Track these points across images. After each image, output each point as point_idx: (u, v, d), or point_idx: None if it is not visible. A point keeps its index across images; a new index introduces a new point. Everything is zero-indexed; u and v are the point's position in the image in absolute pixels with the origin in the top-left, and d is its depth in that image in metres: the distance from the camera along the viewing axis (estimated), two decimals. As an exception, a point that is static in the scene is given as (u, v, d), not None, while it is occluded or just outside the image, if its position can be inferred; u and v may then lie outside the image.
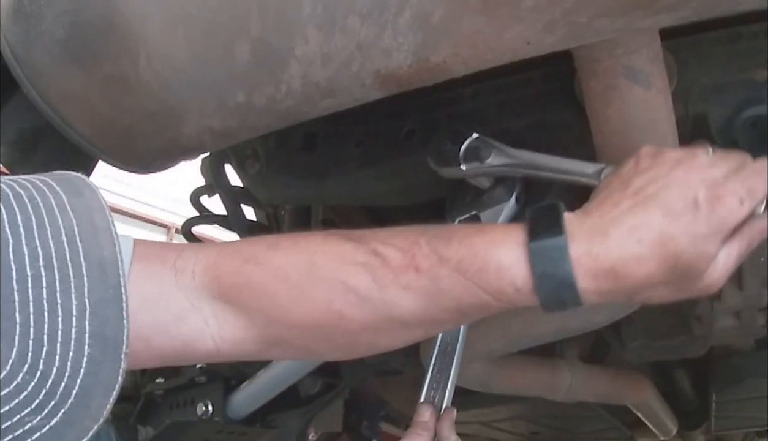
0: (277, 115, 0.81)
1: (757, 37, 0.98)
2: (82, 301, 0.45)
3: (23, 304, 0.44)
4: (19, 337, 0.43)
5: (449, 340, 0.95)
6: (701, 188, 0.63)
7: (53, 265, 0.46)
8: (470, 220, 1.02)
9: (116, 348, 0.46)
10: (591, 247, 0.64)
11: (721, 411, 1.89)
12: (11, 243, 0.45)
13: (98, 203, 0.51)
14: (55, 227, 0.47)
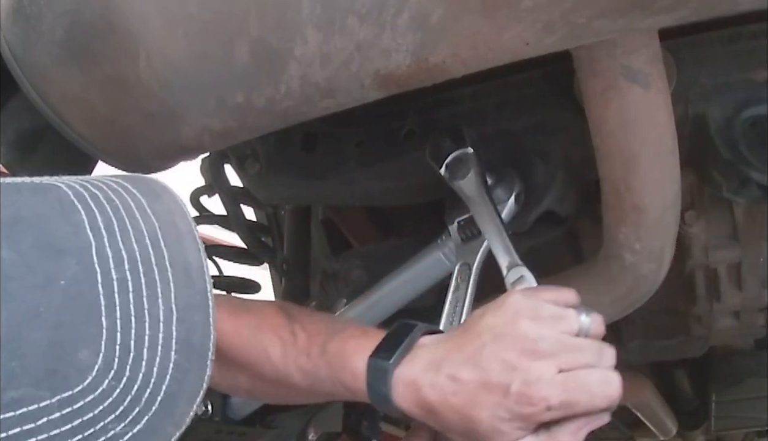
0: (277, 116, 0.81)
1: (756, 37, 0.98)
2: (169, 307, 0.44)
3: (110, 308, 0.42)
4: (105, 342, 0.42)
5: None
6: (518, 379, 0.68)
7: (139, 269, 0.44)
8: (470, 220, 1.02)
9: (202, 355, 0.45)
10: (419, 376, 0.73)
11: (721, 411, 1.89)
12: (94, 245, 0.44)
13: (179, 207, 0.50)
14: (138, 230, 0.46)
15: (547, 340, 0.69)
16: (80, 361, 0.41)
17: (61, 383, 0.40)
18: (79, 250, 0.43)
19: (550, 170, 1.02)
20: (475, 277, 1.00)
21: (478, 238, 1.02)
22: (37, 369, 0.40)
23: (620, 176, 0.90)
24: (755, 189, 0.96)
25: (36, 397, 0.39)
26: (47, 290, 0.41)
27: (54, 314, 0.41)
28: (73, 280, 0.42)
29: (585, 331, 0.73)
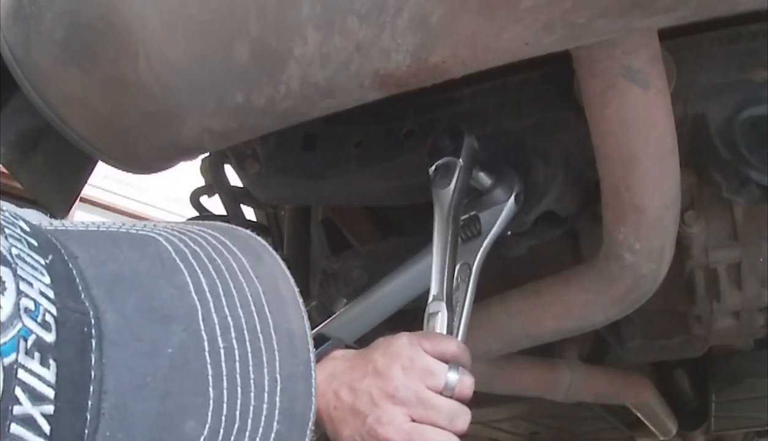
0: (276, 116, 0.81)
1: (756, 37, 0.98)
2: (273, 377, 0.43)
3: (216, 378, 0.41)
4: (212, 413, 0.41)
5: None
6: (374, 415, 0.78)
7: (245, 337, 0.43)
8: (469, 220, 1.02)
9: (303, 424, 0.44)
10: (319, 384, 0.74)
11: (720, 411, 1.89)
12: (200, 311, 0.43)
13: (281, 271, 0.48)
14: (242, 295, 0.45)
15: (408, 390, 0.78)
16: (186, 433, 0.40)
17: None
18: (185, 315, 0.42)
19: (550, 170, 1.02)
20: (475, 277, 1.00)
21: (478, 238, 1.02)
22: (145, 437, 0.38)
23: (620, 176, 0.90)
24: (755, 189, 0.96)
25: None
26: (154, 359, 0.40)
27: (161, 384, 0.40)
28: (179, 348, 0.41)
29: (450, 390, 0.78)
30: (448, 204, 0.97)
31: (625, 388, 1.69)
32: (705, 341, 1.40)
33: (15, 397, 0.34)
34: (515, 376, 1.46)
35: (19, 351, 0.35)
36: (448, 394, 0.78)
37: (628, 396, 1.72)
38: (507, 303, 1.16)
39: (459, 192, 0.97)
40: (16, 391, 0.34)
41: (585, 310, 1.09)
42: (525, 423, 2.25)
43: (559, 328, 1.13)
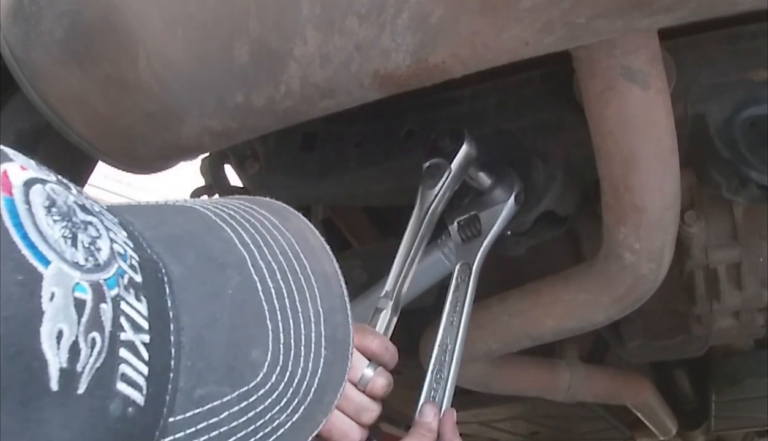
0: (276, 116, 0.81)
1: (756, 37, 0.98)
2: (316, 309, 0.50)
3: (272, 313, 0.47)
4: (271, 342, 0.47)
5: (449, 341, 0.95)
6: None
7: (288, 278, 0.49)
8: (470, 220, 1.02)
9: (344, 349, 0.51)
10: None
11: (720, 411, 1.89)
12: (248, 259, 0.49)
13: (306, 224, 0.56)
14: (279, 245, 0.51)
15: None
16: (253, 359, 0.46)
17: (239, 379, 0.45)
18: (237, 263, 0.48)
19: (550, 170, 1.02)
20: (475, 277, 1.00)
21: (478, 238, 1.02)
22: (220, 368, 0.44)
23: (620, 176, 0.90)
24: (755, 189, 0.96)
25: (219, 393, 0.43)
26: (219, 298, 0.46)
27: (228, 319, 0.45)
28: (237, 290, 0.47)
29: (363, 385, 0.80)
30: (428, 206, 0.97)
31: (625, 388, 1.70)
32: (705, 341, 1.40)
33: (120, 325, 0.39)
34: (515, 376, 1.46)
35: (119, 285, 0.40)
36: (361, 388, 0.80)
37: (628, 396, 1.72)
38: (507, 303, 1.16)
39: (442, 197, 0.97)
40: (121, 320, 0.39)
41: (585, 310, 1.09)
42: (525, 423, 2.25)
43: (559, 328, 1.13)
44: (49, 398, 0.35)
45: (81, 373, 0.37)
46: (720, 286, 1.20)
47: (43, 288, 0.36)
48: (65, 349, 0.36)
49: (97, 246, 0.40)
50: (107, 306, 0.39)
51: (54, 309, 0.36)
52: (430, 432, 0.86)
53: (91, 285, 0.38)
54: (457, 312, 0.96)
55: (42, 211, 0.38)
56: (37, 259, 0.36)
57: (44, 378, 0.35)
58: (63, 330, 0.36)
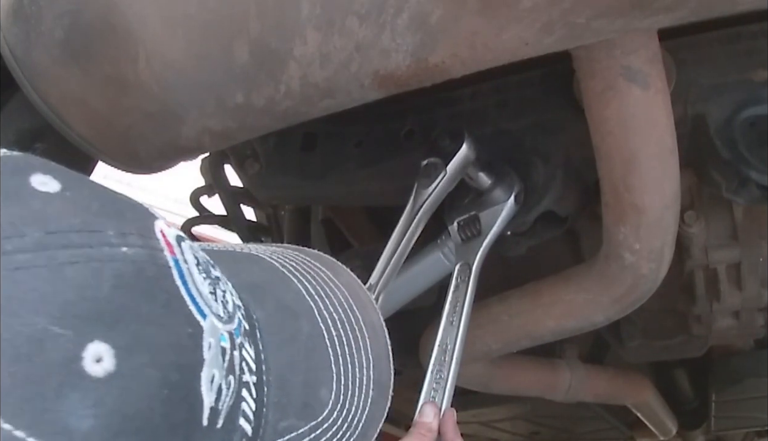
0: (276, 116, 0.81)
1: (756, 37, 0.98)
2: (368, 356, 0.56)
3: (335, 358, 0.54)
4: (335, 383, 0.54)
5: (448, 341, 0.95)
6: None
7: (347, 327, 0.56)
8: (469, 220, 1.02)
9: (387, 391, 0.57)
10: None
11: (720, 411, 1.89)
12: (315, 309, 0.56)
13: (354, 279, 0.62)
14: (336, 297, 0.58)
15: None
16: (322, 397, 0.53)
17: (311, 414, 0.52)
18: (306, 312, 0.55)
19: (550, 170, 1.02)
20: (475, 276, 1.00)
21: (478, 238, 1.02)
22: (297, 404, 0.51)
23: (620, 176, 0.90)
24: (755, 189, 0.96)
25: (296, 426, 0.50)
26: (295, 343, 0.53)
27: (303, 362, 0.53)
28: (309, 336, 0.54)
29: None
30: (420, 205, 0.97)
31: (625, 388, 1.69)
32: (705, 341, 1.40)
33: (243, 369, 0.46)
34: (515, 376, 1.46)
35: (241, 334, 0.47)
36: None
37: (628, 396, 1.72)
38: (507, 303, 1.16)
39: (435, 198, 0.98)
40: (243, 364, 0.46)
41: (585, 310, 1.09)
42: (525, 423, 2.25)
43: (560, 328, 1.13)
44: (200, 432, 0.42)
45: (221, 411, 0.43)
46: (720, 286, 1.20)
47: (204, 339, 0.42)
48: (214, 391, 0.42)
49: (225, 299, 0.46)
50: (237, 353, 0.46)
51: (210, 357, 0.42)
52: (429, 432, 0.86)
53: (229, 335, 0.45)
54: (457, 312, 0.96)
55: (195, 270, 0.44)
56: (199, 314, 0.42)
57: (199, 416, 0.41)
58: (215, 375, 0.42)
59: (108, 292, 0.37)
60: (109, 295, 0.37)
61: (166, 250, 0.41)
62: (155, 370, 0.38)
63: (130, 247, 0.39)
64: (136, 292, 0.38)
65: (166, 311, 0.40)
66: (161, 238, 0.42)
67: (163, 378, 0.38)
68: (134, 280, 0.38)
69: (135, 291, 0.38)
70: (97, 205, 0.40)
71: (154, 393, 0.38)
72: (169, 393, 0.39)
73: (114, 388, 0.36)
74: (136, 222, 0.41)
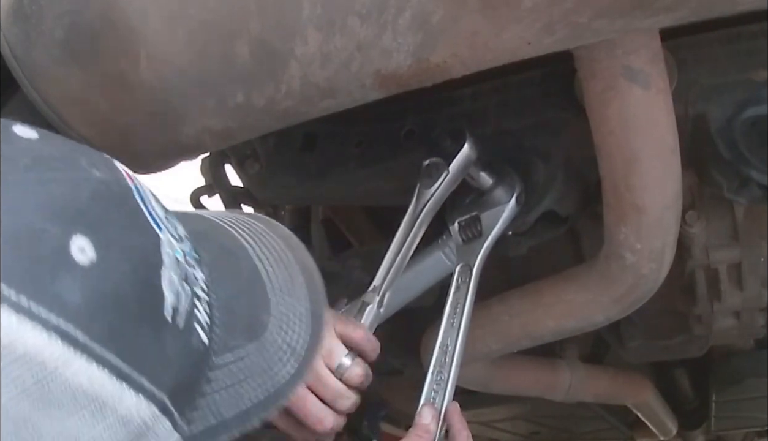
0: (277, 116, 0.81)
1: (756, 37, 0.98)
2: (302, 291, 0.64)
3: (271, 290, 0.62)
4: (272, 309, 0.61)
5: (449, 341, 0.95)
6: None
7: (281, 265, 0.64)
8: (470, 221, 1.02)
9: (320, 320, 0.64)
10: None
11: (720, 411, 1.89)
12: (251, 251, 0.64)
13: (289, 233, 0.69)
14: (269, 243, 0.66)
15: None
16: (262, 321, 0.60)
17: (254, 334, 0.59)
18: (244, 254, 0.64)
19: (551, 170, 1.02)
20: (476, 278, 1.00)
21: (479, 239, 1.01)
22: (242, 325, 0.59)
23: (621, 176, 0.90)
24: (755, 189, 0.96)
25: (242, 344, 0.58)
26: (237, 278, 0.61)
27: (245, 292, 0.61)
28: (248, 272, 0.62)
29: (341, 372, 0.85)
30: (422, 205, 0.97)
31: (626, 388, 1.69)
32: (705, 341, 1.40)
33: (195, 283, 0.54)
34: (515, 376, 1.46)
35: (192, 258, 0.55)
36: (338, 376, 0.84)
37: (628, 396, 1.72)
38: (507, 303, 1.16)
39: (437, 198, 0.98)
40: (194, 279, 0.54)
41: (586, 310, 1.09)
42: (525, 423, 2.25)
43: (560, 328, 1.13)
44: (167, 328, 0.49)
45: (181, 313, 0.51)
46: (721, 286, 1.20)
47: (162, 247, 0.51)
48: (174, 293, 0.50)
49: (176, 227, 0.55)
50: (189, 269, 0.54)
51: (168, 261, 0.50)
52: (427, 434, 0.86)
53: (182, 252, 0.54)
54: (458, 313, 0.96)
55: (151, 197, 0.54)
56: (156, 227, 0.51)
57: (162, 309, 0.49)
58: (173, 278, 0.50)
59: (86, 201, 0.47)
60: (87, 204, 0.47)
61: (128, 179, 0.53)
62: (127, 264, 0.47)
63: (100, 172, 0.50)
64: (108, 203, 0.49)
65: (131, 220, 0.50)
66: (122, 170, 0.54)
67: (133, 271, 0.47)
68: (105, 194, 0.49)
69: (107, 202, 0.49)
70: (69, 146, 0.52)
71: (127, 281, 0.46)
72: (138, 284, 0.47)
73: (96, 274, 0.45)
74: (101, 158, 0.53)
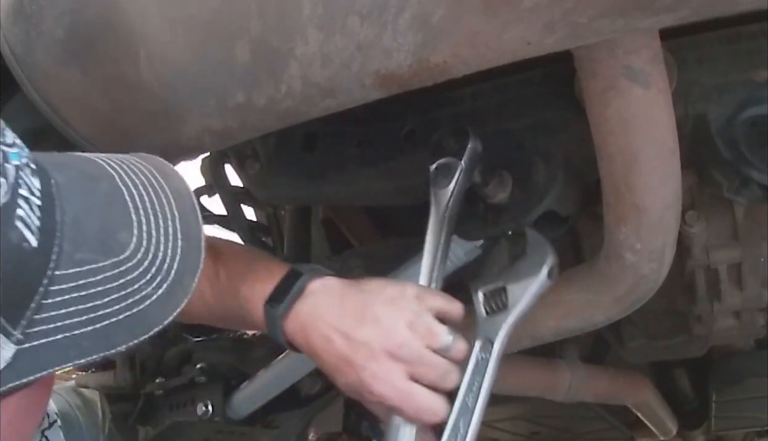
0: (277, 116, 0.81)
1: (757, 37, 0.98)
2: (172, 212, 0.63)
3: (136, 209, 0.61)
4: (136, 229, 0.60)
5: (461, 425, 0.87)
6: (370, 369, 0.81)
7: (149, 190, 0.63)
8: (496, 292, 0.95)
9: (198, 242, 0.63)
10: (305, 322, 0.86)
11: (721, 411, 1.89)
12: (116, 177, 0.63)
13: (166, 164, 0.69)
14: (140, 170, 0.65)
15: (411, 348, 0.81)
16: (121, 239, 0.59)
17: (110, 251, 0.58)
18: (108, 177, 0.63)
19: (551, 170, 1.02)
20: (498, 355, 0.92)
21: (504, 312, 0.93)
22: (94, 242, 0.58)
23: (621, 176, 0.90)
24: (756, 189, 0.96)
25: (94, 260, 0.57)
26: (92, 197, 0.61)
27: (100, 210, 0.60)
28: (107, 192, 0.62)
29: (445, 350, 0.82)
30: (446, 204, 0.96)
31: (626, 388, 1.69)
32: (705, 341, 1.40)
33: (19, 184, 0.55)
34: (516, 376, 1.46)
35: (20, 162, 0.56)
36: (442, 354, 0.82)
37: (628, 396, 1.72)
38: (507, 303, 1.16)
39: (458, 193, 0.96)
40: (20, 181, 0.55)
41: (586, 309, 1.08)
42: (525, 423, 2.25)
43: (560, 328, 1.13)
44: None
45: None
46: (721, 286, 1.20)
47: None
48: None
49: (6, 133, 0.58)
50: (11, 167, 0.54)
51: None
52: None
53: (3, 153, 0.55)
54: (474, 392, 0.89)
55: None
56: None
57: None
58: None
59: None
60: None
61: None
62: None
63: None
64: None
65: None
66: None
67: None
68: None
69: None
70: None
71: None
72: None
73: None
74: None
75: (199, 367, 1.54)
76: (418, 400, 0.82)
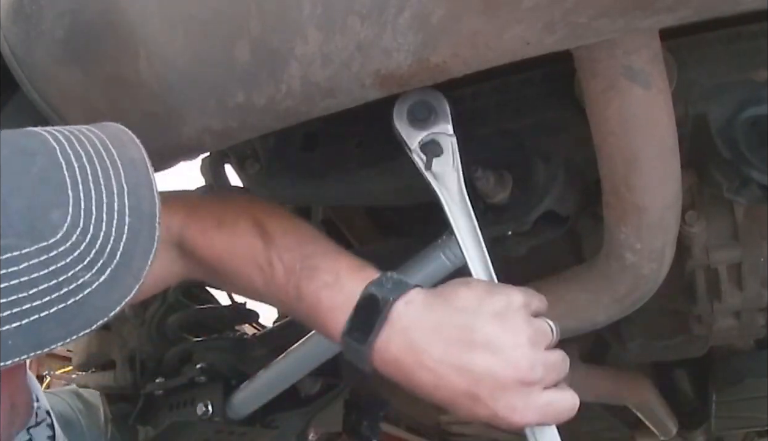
0: (277, 115, 0.81)
1: (757, 37, 0.98)
2: (120, 185, 0.56)
3: (74, 185, 0.55)
4: (72, 207, 0.54)
5: None
6: (504, 404, 0.73)
7: (94, 161, 0.57)
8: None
9: (151, 219, 0.56)
10: (400, 358, 0.74)
11: (721, 411, 1.89)
12: (58, 150, 0.57)
13: (125, 130, 0.63)
14: (89, 140, 0.59)
15: (539, 366, 0.75)
16: (52, 220, 0.53)
17: (38, 235, 0.52)
18: (47, 152, 0.56)
19: (551, 170, 1.02)
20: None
21: None
22: (20, 226, 0.52)
23: (621, 176, 0.90)
24: (756, 189, 0.96)
25: (18, 245, 0.51)
26: (24, 175, 0.54)
27: (30, 188, 0.54)
28: (42, 168, 0.55)
29: (553, 344, 0.79)
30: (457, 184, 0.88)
31: (626, 388, 1.69)
32: (705, 341, 1.40)
33: None
34: (515, 376, 1.46)
35: None
36: (552, 346, 0.79)
37: (628, 396, 1.72)
38: (508, 303, 1.16)
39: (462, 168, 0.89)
40: None
41: (586, 309, 1.09)
42: (525, 423, 2.24)
43: (561, 328, 1.13)
44: None
45: None
46: (721, 286, 1.20)
47: None
48: None
49: None
50: None
51: None
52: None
53: None
54: None
55: None
56: None
57: None
58: None
59: None
60: None
61: None
62: None
63: None
64: None
65: None
66: None
67: None
68: None
69: None
70: None
71: None
72: None
73: None
74: None
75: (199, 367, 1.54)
76: (557, 408, 0.78)
